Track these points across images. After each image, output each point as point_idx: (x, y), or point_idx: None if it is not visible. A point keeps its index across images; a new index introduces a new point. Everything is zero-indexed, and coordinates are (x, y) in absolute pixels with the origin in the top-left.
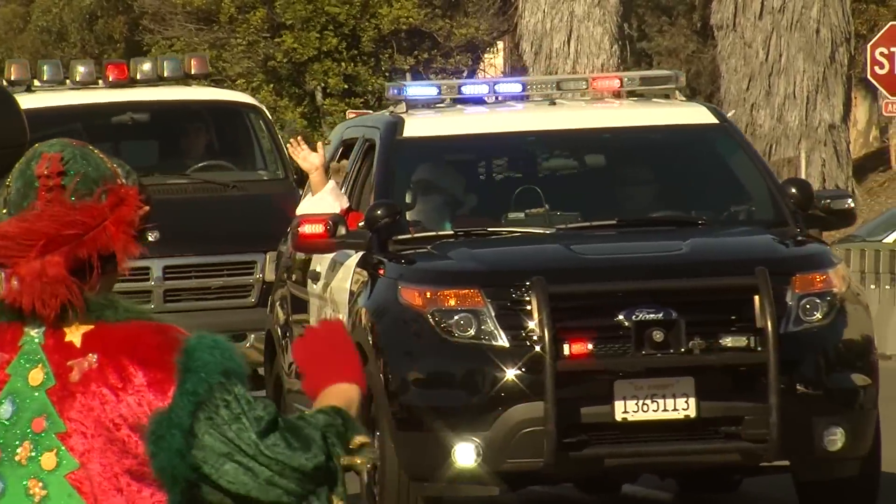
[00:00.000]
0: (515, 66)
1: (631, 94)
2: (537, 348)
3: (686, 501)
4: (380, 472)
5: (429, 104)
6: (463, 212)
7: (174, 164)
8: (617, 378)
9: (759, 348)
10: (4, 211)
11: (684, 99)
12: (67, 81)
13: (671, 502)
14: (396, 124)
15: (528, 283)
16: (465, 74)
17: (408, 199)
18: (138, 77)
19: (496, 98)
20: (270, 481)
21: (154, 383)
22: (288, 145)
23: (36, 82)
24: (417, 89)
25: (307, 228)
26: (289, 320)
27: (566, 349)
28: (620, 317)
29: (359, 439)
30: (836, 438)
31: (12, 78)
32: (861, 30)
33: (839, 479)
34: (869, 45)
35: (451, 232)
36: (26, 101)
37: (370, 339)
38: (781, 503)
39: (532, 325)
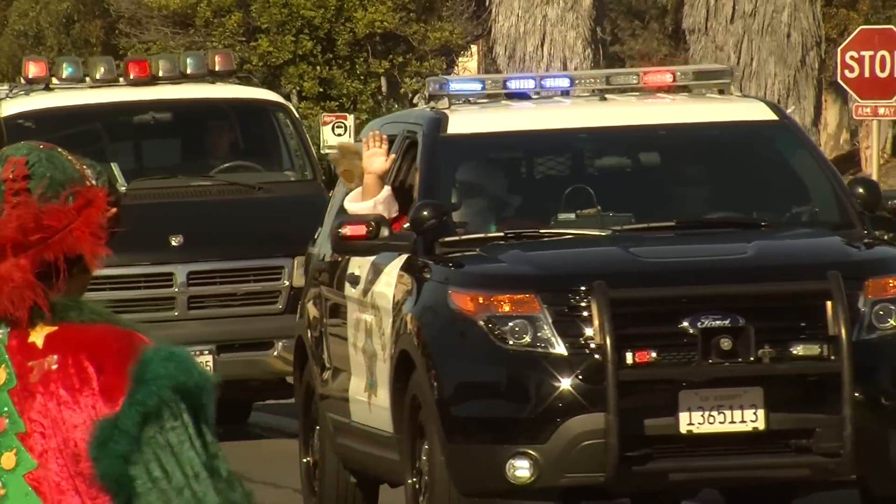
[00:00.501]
0: (489, 70)
1: (682, 88)
2: (597, 356)
3: None
4: (428, 487)
5: (472, 99)
6: (510, 213)
7: (198, 165)
8: (682, 388)
9: (832, 357)
10: None
11: (740, 94)
12: (87, 79)
13: None
14: (440, 121)
15: (587, 288)
16: None
17: (452, 199)
18: (160, 74)
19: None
20: None
21: (106, 390)
22: (365, 137)
23: (55, 80)
24: (461, 84)
25: (349, 230)
26: (321, 326)
27: (628, 357)
28: (685, 323)
29: None
30: None
31: (30, 76)
32: (831, 34)
33: None
34: (839, 49)
35: (501, 234)
36: (45, 101)
37: (418, 345)
38: None
39: (591, 332)
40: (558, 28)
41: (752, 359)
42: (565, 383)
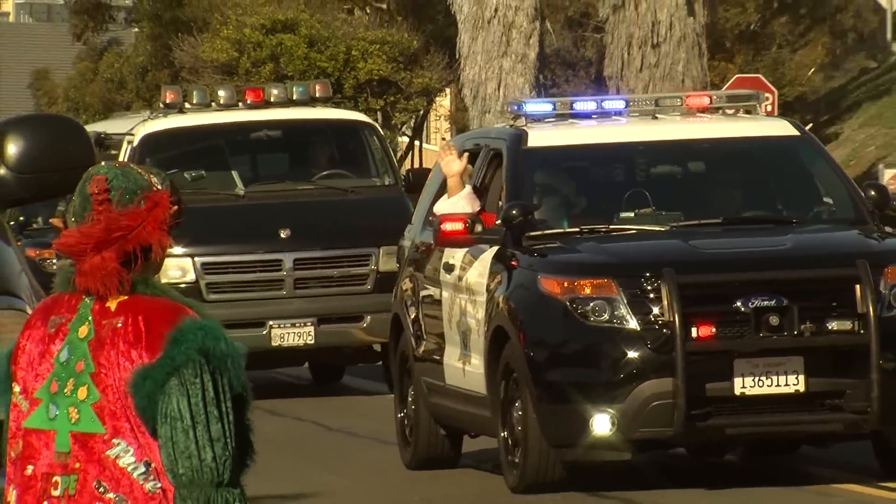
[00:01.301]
0: (459, 107)
1: (716, 110)
2: (665, 331)
3: (754, 464)
4: (522, 440)
5: (544, 119)
6: (579, 211)
7: (302, 173)
8: (736, 357)
9: (862, 331)
10: (73, 220)
11: (765, 115)
12: (212, 104)
13: (739, 464)
14: (521, 136)
15: (657, 274)
16: (420, 114)
17: (533, 200)
18: (272, 100)
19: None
20: (188, 459)
21: (149, 346)
22: (439, 148)
23: (187, 105)
24: (536, 106)
25: (448, 226)
26: (417, 305)
27: (693, 332)
28: (738, 304)
29: None
30: None
31: (168, 101)
32: (715, 80)
33: None
34: (726, 85)
35: (577, 229)
36: (179, 121)
37: (512, 322)
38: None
39: (658, 310)
40: (511, 76)
41: (795, 333)
42: (638, 353)
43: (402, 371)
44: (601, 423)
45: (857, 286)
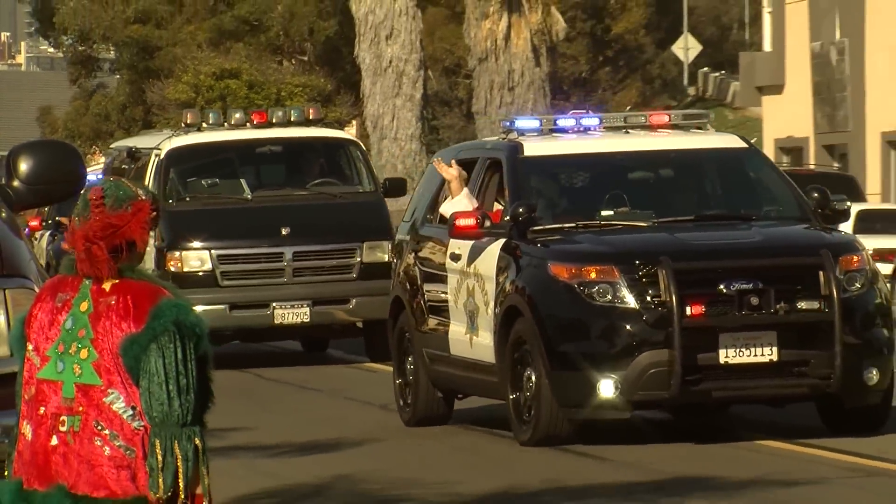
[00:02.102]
0: (362, 135)
1: (674, 126)
2: (661, 309)
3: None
4: (534, 402)
5: (531, 133)
6: (567, 210)
7: (298, 181)
8: (721, 332)
9: (827, 310)
10: (77, 219)
11: (715, 131)
12: (225, 124)
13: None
14: (518, 147)
15: (653, 262)
16: None
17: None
18: (274, 121)
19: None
20: (160, 405)
21: (136, 319)
22: (433, 161)
23: (204, 125)
24: (526, 122)
25: (461, 222)
26: (419, 289)
27: (687, 311)
28: (722, 287)
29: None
30: (873, 376)
31: (188, 122)
32: (554, 111)
33: (867, 406)
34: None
35: (574, 224)
36: (197, 138)
37: (525, 302)
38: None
39: (653, 292)
40: (402, 111)
41: (770, 311)
42: (637, 328)
43: (401, 344)
44: (606, 388)
45: (821, 272)
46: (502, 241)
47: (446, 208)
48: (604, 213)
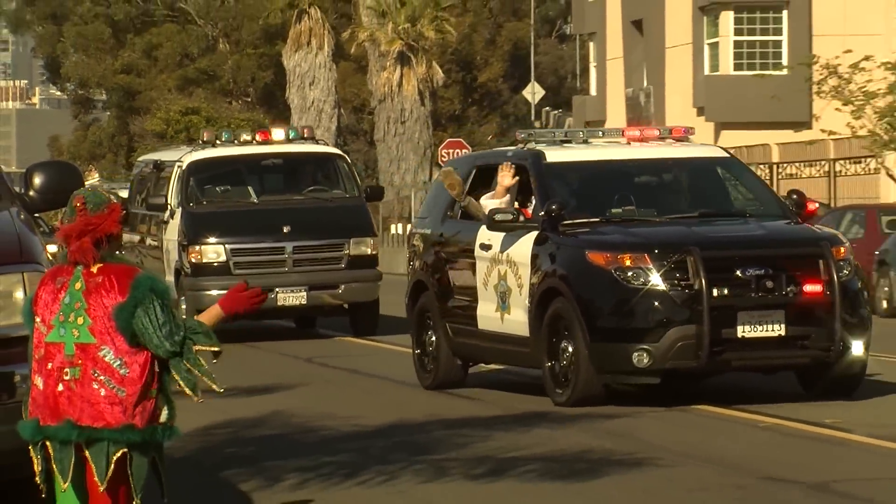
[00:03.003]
0: None
1: (662, 139)
2: (687, 291)
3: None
4: (573, 370)
5: (547, 143)
6: (580, 208)
7: (295, 188)
8: (739, 310)
9: (828, 293)
10: (66, 221)
11: (697, 144)
12: (235, 141)
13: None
14: (540, 154)
15: (681, 250)
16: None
17: None
18: (275, 138)
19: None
20: (160, 346)
21: (120, 291)
22: (501, 167)
23: (217, 142)
24: (540, 135)
25: (499, 216)
26: (443, 274)
27: (714, 292)
28: (739, 272)
29: (204, 346)
30: (861, 348)
31: (205, 139)
32: (436, 142)
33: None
34: (440, 149)
35: (598, 219)
36: (212, 152)
37: (565, 284)
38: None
39: (680, 276)
40: (321, 140)
41: (779, 293)
42: (667, 307)
43: (421, 321)
44: (640, 357)
45: (821, 260)
46: (534, 233)
47: (485, 200)
48: (613, 210)
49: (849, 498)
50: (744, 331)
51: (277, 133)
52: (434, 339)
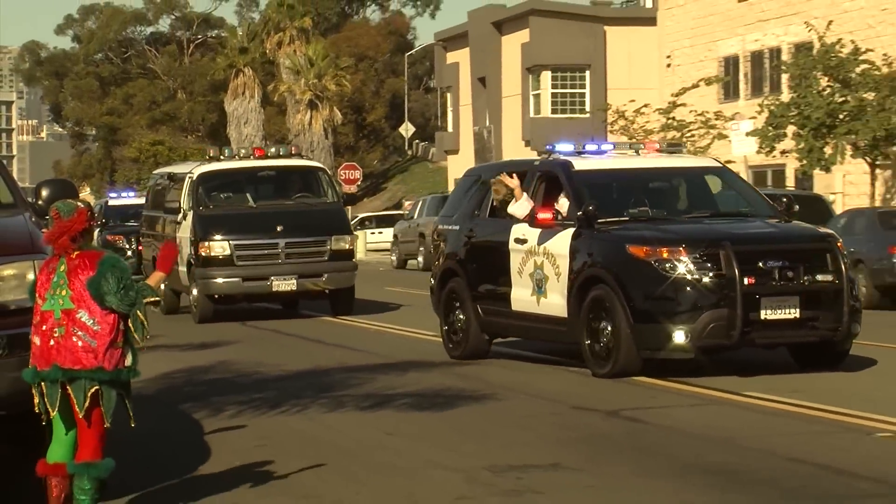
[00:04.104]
0: None
1: (661, 151)
2: (719, 279)
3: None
4: (613, 346)
5: (569, 155)
6: (603, 210)
7: (286, 195)
8: (763, 296)
9: (836, 281)
10: (49, 227)
11: (693, 154)
12: (235, 157)
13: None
14: (569, 164)
15: (712, 244)
16: None
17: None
18: (269, 155)
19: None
20: (118, 305)
21: (91, 268)
22: (502, 176)
23: (221, 157)
24: (563, 146)
25: (541, 216)
26: (475, 263)
27: (745, 281)
28: (761, 264)
29: (150, 298)
30: (857, 328)
31: (210, 155)
32: (336, 166)
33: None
34: (339, 170)
35: (627, 218)
36: (218, 165)
37: (606, 273)
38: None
39: (711, 266)
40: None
41: (795, 282)
42: (701, 293)
43: (449, 302)
44: (679, 336)
45: (828, 254)
46: (570, 230)
47: (515, 209)
48: (630, 211)
49: (634, 421)
50: (766, 314)
51: (270, 150)
52: (462, 318)
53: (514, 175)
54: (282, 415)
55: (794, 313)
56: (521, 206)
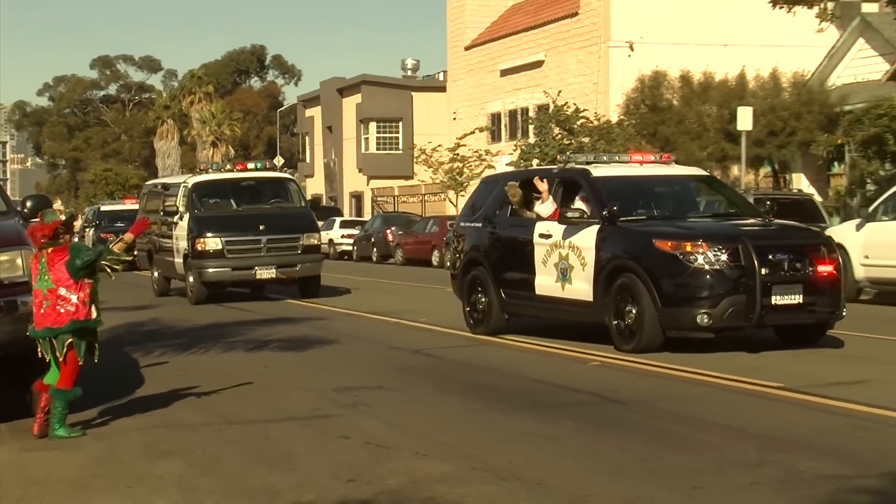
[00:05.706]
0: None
1: (652, 162)
2: (737, 270)
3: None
4: (637, 326)
5: (584, 164)
6: (618, 211)
7: (263, 200)
8: (773, 284)
9: (833, 271)
10: (37, 223)
11: (682, 164)
12: (221, 170)
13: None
14: (587, 171)
15: (731, 239)
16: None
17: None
18: (249, 168)
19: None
20: (82, 262)
21: (65, 255)
22: (536, 180)
23: (210, 170)
24: (577, 156)
25: (570, 215)
26: (498, 255)
27: (763, 271)
28: (771, 256)
29: (111, 257)
30: (845, 309)
31: (200, 168)
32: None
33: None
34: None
35: (644, 216)
36: (208, 176)
37: (637, 264)
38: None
39: (728, 258)
40: None
41: (803, 272)
42: (721, 281)
43: (472, 287)
44: (701, 318)
45: (824, 248)
46: (596, 226)
47: (541, 209)
48: (638, 212)
49: (434, 357)
50: (776, 299)
51: (250, 165)
52: (485, 300)
53: (545, 180)
54: (193, 354)
55: (797, 299)
56: (547, 206)
